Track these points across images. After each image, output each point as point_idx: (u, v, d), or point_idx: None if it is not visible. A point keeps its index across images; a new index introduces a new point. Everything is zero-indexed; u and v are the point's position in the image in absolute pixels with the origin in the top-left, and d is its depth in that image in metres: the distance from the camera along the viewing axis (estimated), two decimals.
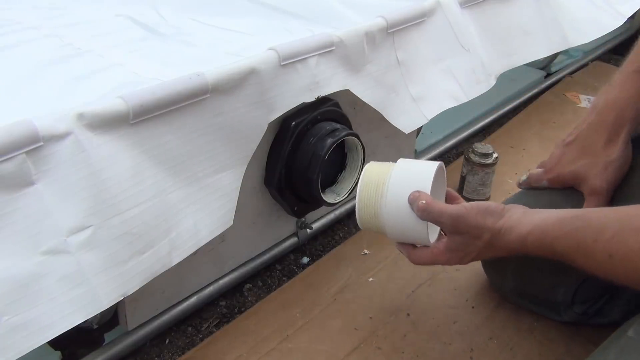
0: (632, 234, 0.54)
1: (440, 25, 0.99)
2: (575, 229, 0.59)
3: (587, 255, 0.58)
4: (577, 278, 0.77)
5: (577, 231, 0.59)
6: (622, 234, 0.54)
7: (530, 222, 0.63)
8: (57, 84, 0.76)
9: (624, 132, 0.73)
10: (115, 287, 0.61)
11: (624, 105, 0.73)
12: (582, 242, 0.58)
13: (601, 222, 0.57)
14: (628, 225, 0.55)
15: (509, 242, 0.64)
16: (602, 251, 0.56)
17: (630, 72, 0.73)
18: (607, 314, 0.80)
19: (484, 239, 0.65)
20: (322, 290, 0.88)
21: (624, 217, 0.56)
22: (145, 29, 0.97)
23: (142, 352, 0.79)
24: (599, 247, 0.56)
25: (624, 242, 0.54)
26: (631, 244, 0.54)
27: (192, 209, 0.70)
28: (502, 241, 0.65)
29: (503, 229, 0.64)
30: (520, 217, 0.64)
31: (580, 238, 0.58)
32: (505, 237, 0.64)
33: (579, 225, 0.59)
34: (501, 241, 0.65)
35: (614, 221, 0.56)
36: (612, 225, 0.56)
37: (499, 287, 0.87)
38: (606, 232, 0.56)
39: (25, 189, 0.56)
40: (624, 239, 0.54)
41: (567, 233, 0.59)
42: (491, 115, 1.39)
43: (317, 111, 0.83)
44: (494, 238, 0.65)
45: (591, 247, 0.57)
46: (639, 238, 0.53)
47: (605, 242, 0.55)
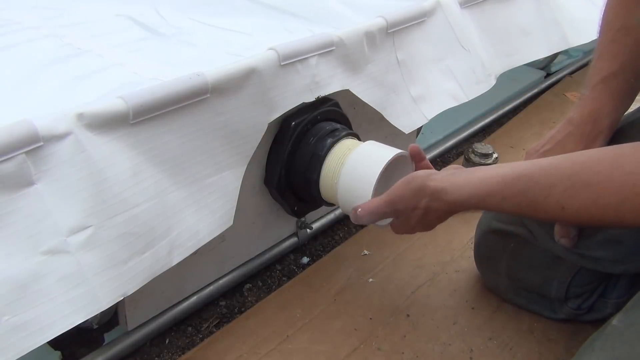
0: (584, 189, 0.55)
1: (440, 25, 0.99)
2: (525, 190, 0.59)
3: (539, 209, 0.59)
4: (569, 272, 0.78)
5: (526, 191, 0.59)
6: (574, 189, 0.56)
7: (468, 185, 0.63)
8: (57, 84, 0.76)
9: (600, 140, 0.74)
10: (115, 287, 0.61)
11: (599, 116, 0.74)
12: (533, 200, 0.59)
13: (550, 180, 0.58)
14: (579, 180, 0.56)
15: (448, 202, 0.65)
16: (555, 205, 0.57)
17: (598, 82, 0.75)
18: (601, 309, 0.81)
19: (422, 205, 0.66)
20: (322, 291, 0.88)
21: (572, 172, 0.57)
22: (145, 29, 0.97)
23: (142, 352, 0.79)
24: (551, 202, 0.57)
25: (575, 197, 0.56)
26: (583, 199, 0.56)
27: (192, 209, 0.70)
28: (441, 203, 0.65)
29: (438, 191, 0.65)
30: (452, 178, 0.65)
31: (530, 197, 0.59)
32: (442, 198, 0.65)
33: (526, 186, 0.59)
34: (439, 203, 0.65)
35: (563, 178, 0.57)
36: (562, 182, 0.57)
37: (494, 286, 0.88)
38: (556, 188, 0.57)
39: (25, 189, 0.56)
40: (576, 193, 0.56)
41: (515, 194, 0.60)
42: (491, 115, 1.39)
43: (317, 111, 0.83)
44: (432, 201, 0.66)
45: (542, 203, 0.58)
46: (590, 193, 0.55)
47: (557, 196, 0.57)
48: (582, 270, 0.78)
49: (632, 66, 0.74)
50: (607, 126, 0.74)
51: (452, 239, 0.98)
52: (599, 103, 0.74)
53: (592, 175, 0.56)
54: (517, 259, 0.82)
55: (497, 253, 0.84)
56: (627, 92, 0.75)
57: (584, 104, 0.75)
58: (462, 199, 0.63)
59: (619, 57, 0.74)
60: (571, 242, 0.74)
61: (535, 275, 0.81)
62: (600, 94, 0.74)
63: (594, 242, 0.74)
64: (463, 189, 0.63)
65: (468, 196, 0.63)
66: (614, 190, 0.54)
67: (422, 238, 0.97)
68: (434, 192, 0.65)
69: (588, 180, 0.56)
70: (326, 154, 0.80)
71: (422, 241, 0.97)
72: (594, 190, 0.55)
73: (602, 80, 0.74)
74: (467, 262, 0.93)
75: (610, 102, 0.74)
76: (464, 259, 0.94)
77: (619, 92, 0.74)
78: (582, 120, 0.75)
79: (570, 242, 0.74)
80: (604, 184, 0.54)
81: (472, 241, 0.93)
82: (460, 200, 0.64)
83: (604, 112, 0.74)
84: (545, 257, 0.79)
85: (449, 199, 0.64)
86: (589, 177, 0.56)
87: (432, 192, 0.65)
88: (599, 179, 0.55)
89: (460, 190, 0.63)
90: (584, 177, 0.56)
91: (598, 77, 0.75)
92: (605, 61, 0.75)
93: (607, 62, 0.75)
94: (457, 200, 0.64)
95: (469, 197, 0.63)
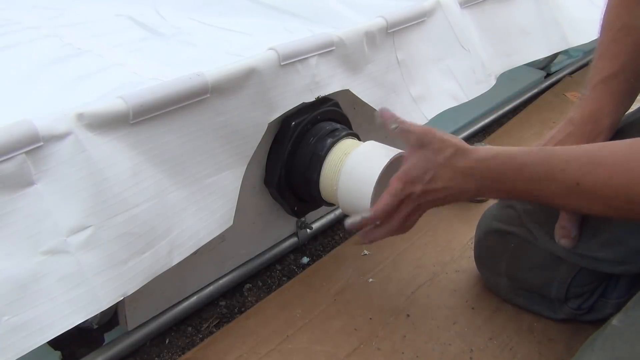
0: (601, 167, 0.57)
1: (440, 25, 0.99)
2: (544, 158, 0.61)
3: (555, 181, 0.60)
4: (570, 271, 0.78)
5: (545, 160, 0.61)
6: (590, 166, 0.58)
7: (496, 148, 0.65)
8: (57, 84, 0.76)
9: (600, 140, 0.74)
10: (115, 287, 0.61)
11: (599, 116, 0.75)
12: (550, 171, 0.60)
13: (568, 154, 0.60)
14: (596, 159, 0.58)
15: (471, 161, 0.64)
16: (571, 179, 0.59)
17: (598, 82, 0.75)
18: (601, 309, 0.81)
19: (446, 153, 0.65)
20: (322, 291, 0.88)
21: (590, 151, 0.60)
22: (145, 29, 0.97)
23: (142, 352, 0.79)
24: (567, 175, 0.59)
25: (592, 173, 0.58)
26: (599, 176, 0.57)
27: (192, 209, 0.70)
28: (464, 159, 0.65)
29: (468, 148, 0.65)
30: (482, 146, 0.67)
31: (548, 167, 0.60)
32: (468, 155, 0.65)
33: (546, 156, 0.61)
34: (463, 159, 0.65)
35: (581, 155, 0.60)
36: (580, 158, 0.59)
37: (494, 286, 0.88)
38: (574, 163, 0.59)
39: (25, 189, 0.56)
40: (593, 169, 0.58)
41: (535, 161, 0.61)
42: (491, 115, 1.39)
43: (317, 111, 0.83)
44: (456, 154, 0.65)
45: (559, 175, 0.60)
46: (604, 171, 0.57)
47: (574, 171, 0.59)
48: (582, 270, 0.78)
49: (633, 66, 0.74)
50: (608, 126, 0.74)
51: (452, 239, 0.98)
52: (599, 103, 0.74)
53: (608, 155, 0.58)
54: (518, 259, 0.82)
55: (497, 253, 0.84)
56: (628, 92, 0.75)
57: (585, 104, 0.76)
58: (485, 157, 0.64)
59: (620, 57, 0.74)
60: (572, 242, 0.74)
61: (535, 275, 0.81)
62: (600, 94, 0.75)
63: (594, 242, 0.74)
64: (490, 150, 0.65)
65: (492, 156, 0.63)
66: (628, 171, 0.56)
67: (422, 238, 0.97)
68: (463, 147, 0.65)
69: (604, 158, 0.58)
70: (326, 154, 0.80)
71: (422, 241, 0.97)
72: (609, 168, 0.57)
73: (602, 80, 0.74)
74: (467, 262, 0.93)
75: (611, 102, 0.74)
76: (464, 259, 0.94)
77: (620, 92, 0.74)
78: (582, 120, 0.75)
79: (571, 243, 0.74)
80: (619, 165, 0.56)
81: (472, 241, 0.93)
82: (483, 159, 0.64)
83: (605, 112, 0.74)
84: (546, 257, 0.79)
85: (474, 156, 0.64)
86: (605, 156, 0.58)
87: (461, 146, 0.65)
88: (615, 159, 0.57)
89: (486, 151, 0.64)
90: (601, 155, 0.58)
91: (598, 77, 0.75)
92: (605, 61, 0.75)
93: (607, 62, 0.75)
94: (480, 157, 0.64)
95: (493, 157, 0.63)
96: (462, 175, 0.65)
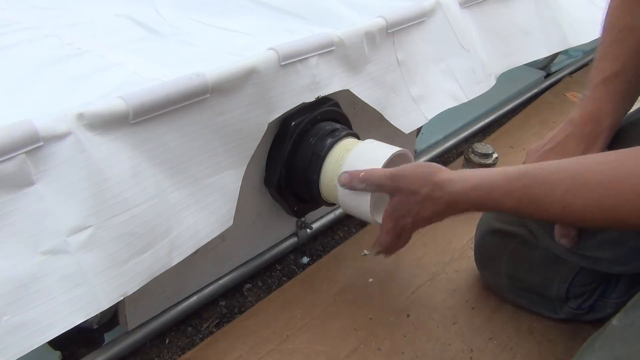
0: (586, 189, 0.56)
1: (440, 25, 0.99)
2: (527, 186, 0.60)
3: (540, 207, 0.60)
4: (570, 271, 0.78)
5: (528, 187, 0.60)
6: (575, 189, 0.57)
7: (474, 177, 0.64)
8: (57, 84, 0.76)
9: (601, 140, 0.74)
10: (115, 287, 0.61)
11: (599, 117, 0.74)
12: (534, 198, 0.59)
13: (552, 178, 0.59)
14: (581, 180, 0.57)
15: (451, 193, 0.65)
16: (557, 203, 0.58)
17: (599, 82, 0.75)
18: (601, 309, 0.81)
19: (423, 192, 0.66)
20: (322, 291, 0.88)
21: (576, 172, 0.58)
22: (145, 29, 0.97)
23: (142, 352, 0.79)
24: (552, 200, 0.58)
25: (578, 196, 0.57)
26: (585, 199, 0.56)
27: (192, 209, 0.70)
28: (443, 193, 0.65)
29: (443, 181, 0.65)
30: (460, 172, 0.66)
31: (532, 194, 0.60)
32: (446, 188, 0.65)
33: (528, 182, 0.60)
34: (441, 192, 0.65)
35: (566, 177, 0.58)
36: (565, 181, 0.58)
37: (494, 286, 0.88)
38: (559, 187, 0.58)
39: (25, 189, 0.56)
40: (578, 192, 0.57)
41: (517, 189, 0.61)
42: (491, 115, 1.39)
43: (317, 111, 0.83)
44: (434, 190, 0.66)
45: (544, 201, 0.59)
46: (591, 193, 0.56)
47: (559, 196, 0.58)
48: (582, 270, 0.78)
49: (634, 67, 0.74)
50: (608, 126, 0.74)
51: (452, 239, 0.98)
52: (599, 103, 0.74)
53: (594, 176, 0.56)
54: (518, 259, 0.82)
55: (497, 253, 0.84)
56: (628, 92, 0.75)
57: (585, 105, 0.76)
58: (464, 190, 0.64)
59: (621, 57, 0.74)
60: (571, 242, 0.74)
61: (535, 275, 0.81)
62: (601, 95, 0.75)
63: (594, 242, 0.74)
64: (467, 180, 0.64)
65: (471, 187, 0.63)
66: (615, 191, 0.54)
67: (422, 238, 0.97)
68: (439, 182, 0.65)
69: (590, 180, 0.56)
70: (326, 154, 0.80)
71: (422, 241, 0.97)
72: (595, 190, 0.55)
73: (603, 80, 0.74)
74: (467, 262, 0.93)
75: (611, 102, 0.74)
76: (464, 259, 0.94)
77: (620, 92, 0.74)
78: (582, 120, 0.75)
79: (571, 243, 0.74)
80: (606, 185, 0.55)
81: (472, 241, 0.93)
82: (462, 192, 0.64)
83: (605, 113, 0.74)
84: (546, 257, 0.79)
85: (452, 189, 0.64)
86: (591, 177, 0.56)
87: (437, 181, 0.66)
88: (602, 179, 0.55)
89: (464, 182, 0.64)
90: (586, 177, 0.57)
91: (599, 78, 0.75)
92: (606, 62, 0.75)
93: (608, 63, 0.75)
94: (460, 191, 0.64)
95: (472, 189, 0.63)
96: (445, 206, 0.66)
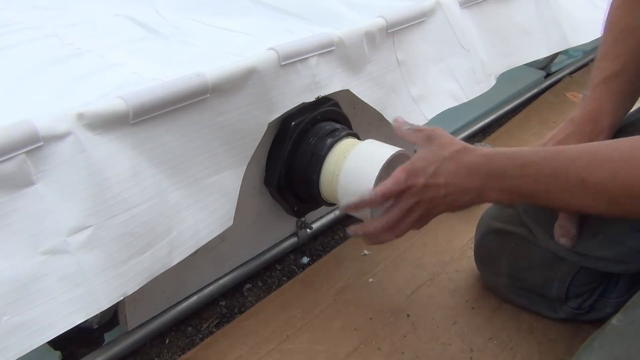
0: (605, 163, 0.58)
1: (440, 25, 0.99)
2: (550, 156, 0.62)
3: (560, 179, 0.60)
4: (570, 271, 0.78)
5: (551, 158, 0.62)
6: (595, 162, 0.59)
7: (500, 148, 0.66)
8: (57, 84, 0.76)
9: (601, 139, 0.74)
10: (115, 287, 0.61)
11: (599, 116, 0.75)
12: (555, 168, 0.61)
13: (573, 152, 0.61)
14: (601, 155, 0.59)
15: (476, 157, 0.65)
16: (575, 175, 0.59)
17: (600, 82, 0.75)
18: (601, 308, 0.81)
19: (452, 148, 0.66)
20: (322, 291, 0.88)
21: (595, 148, 0.61)
22: (145, 29, 0.97)
23: (142, 352, 0.79)
24: (572, 172, 0.59)
25: (597, 170, 0.58)
26: (604, 172, 0.58)
27: (192, 209, 0.70)
28: (469, 155, 0.65)
29: (473, 148, 0.66)
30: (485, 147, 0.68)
31: (553, 164, 0.61)
32: (473, 152, 0.65)
33: (551, 154, 0.62)
34: (468, 155, 0.65)
35: (587, 152, 0.61)
36: (585, 155, 0.60)
37: (494, 286, 0.88)
38: (579, 160, 0.60)
39: (25, 189, 0.56)
40: (598, 165, 0.58)
41: (540, 159, 0.62)
42: (491, 115, 1.39)
43: (317, 111, 0.83)
44: (462, 150, 0.66)
45: (564, 172, 0.60)
46: (610, 168, 0.57)
47: (579, 168, 0.59)
48: (582, 269, 0.78)
49: (634, 67, 0.74)
50: (608, 126, 0.74)
51: (452, 239, 0.98)
52: (599, 103, 0.75)
53: (612, 152, 0.58)
54: (517, 259, 0.82)
55: (497, 253, 0.84)
56: (629, 92, 0.75)
57: (586, 104, 0.76)
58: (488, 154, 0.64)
59: (621, 57, 0.74)
60: (571, 241, 0.74)
61: (535, 275, 0.81)
62: (601, 94, 0.75)
63: (593, 241, 0.74)
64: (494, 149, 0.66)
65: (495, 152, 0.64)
66: (633, 167, 0.56)
67: (422, 238, 0.97)
68: (467, 146, 0.66)
69: (610, 155, 0.58)
70: (326, 154, 0.80)
71: (422, 241, 0.97)
72: (614, 164, 0.57)
73: (603, 80, 0.75)
74: (467, 262, 0.93)
75: (611, 101, 0.74)
76: (464, 259, 0.94)
77: (620, 92, 0.74)
78: (583, 119, 0.75)
79: (571, 242, 0.74)
80: (624, 161, 0.57)
81: (472, 241, 0.93)
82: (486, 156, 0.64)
83: (605, 112, 0.74)
84: (546, 256, 0.79)
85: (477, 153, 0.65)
86: (610, 153, 0.58)
87: (466, 145, 0.66)
88: (620, 155, 0.57)
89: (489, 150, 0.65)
90: (605, 152, 0.59)
91: (600, 77, 0.75)
92: (607, 61, 0.75)
93: (609, 63, 0.75)
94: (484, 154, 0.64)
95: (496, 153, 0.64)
96: (466, 171, 0.65)
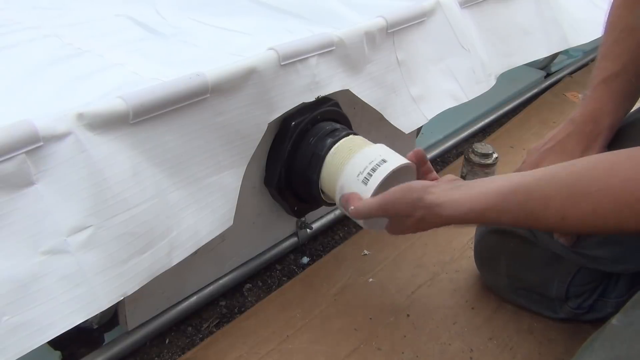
0: (583, 198, 0.55)
1: (440, 25, 0.99)
2: (522, 201, 0.59)
3: (539, 221, 0.59)
4: (569, 271, 0.78)
5: (524, 203, 0.59)
6: (573, 199, 0.56)
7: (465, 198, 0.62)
8: (57, 84, 0.76)
9: (601, 139, 0.74)
10: (115, 287, 0.61)
11: (599, 116, 0.74)
12: (532, 212, 0.58)
13: (547, 191, 0.58)
14: (576, 189, 0.56)
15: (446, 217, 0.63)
16: (554, 215, 0.57)
17: (600, 82, 0.75)
18: (601, 308, 0.81)
19: (417, 215, 0.65)
20: (322, 291, 0.88)
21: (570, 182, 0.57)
22: (145, 29, 0.97)
23: (142, 352, 0.80)
24: (550, 213, 0.57)
25: (575, 206, 0.56)
26: (582, 208, 0.55)
27: (192, 209, 0.70)
28: (437, 217, 0.64)
29: (435, 206, 0.64)
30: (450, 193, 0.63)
31: (528, 209, 0.58)
32: (440, 213, 0.63)
33: (523, 198, 0.59)
34: (435, 216, 0.64)
35: (561, 188, 0.57)
36: (560, 193, 0.57)
37: (494, 286, 0.88)
38: (555, 199, 0.57)
39: (25, 189, 0.56)
40: (575, 202, 0.55)
41: (513, 207, 0.59)
42: (491, 115, 1.39)
43: (317, 111, 0.83)
44: (427, 214, 0.64)
45: (542, 215, 0.58)
46: (588, 202, 0.55)
47: (557, 207, 0.56)
48: (582, 269, 0.78)
49: (634, 67, 0.74)
50: (608, 126, 0.74)
51: (452, 239, 0.98)
52: (599, 103, 0.74)
53: (589, 183, 0.55)
54: (517, 259, 0.82)
55: (497, 253, 0.84)
56: (629, 92, 0.75)
57: (586, 104, 0.76)
58: (459, 215, 0.62)
59: (621, 57, 0.74)
60: (571, 241, 0.74)
61: (535, 274, 0.81)
62: (601, 94, 0.75)
63: (594, 241, 0.74)
64: (461, 205, 0.62)
65: (466, 212, 0.62)
66: (612, 198, 0.53)
67: (422, 238, 0.97)
68: (430, 205, 0.64)
69: (586, 189, 0.55)
70: (326, 154, 0.80)
71: (422, 241, 0.97)
72: (592, 198, 0.55)
73: (604, 80, 0.74)
74: (467, 262, 0.93)
75: (611, 102, 0.74)
76: (464, 259, 0.94)
77: (620, 92, 0.74)
78: (583, 119, 0.75)
79: (570, 241, 0.74)
80: (603, 192, 0.54)
81: (472, 241, 0.93)
82: (457, 215, 0.62)
83: (605, 112, 0.74)
84: (545, 256, 0.79)
85: (446, 213, 0.63)
86: (586, 186, 0.55)
87: (428, 205, 0.64)
88: (598, 186, 0.55)
89: (457, 206, 0.62)
90: (581, 186, 0.56)
91: (600, 78, 0.75)
92: (607, 62, 0.75)
93: (609, 63, 0.75)
94: (454, 215, 0.62)
95: (466, 213, 0.62)
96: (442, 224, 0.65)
